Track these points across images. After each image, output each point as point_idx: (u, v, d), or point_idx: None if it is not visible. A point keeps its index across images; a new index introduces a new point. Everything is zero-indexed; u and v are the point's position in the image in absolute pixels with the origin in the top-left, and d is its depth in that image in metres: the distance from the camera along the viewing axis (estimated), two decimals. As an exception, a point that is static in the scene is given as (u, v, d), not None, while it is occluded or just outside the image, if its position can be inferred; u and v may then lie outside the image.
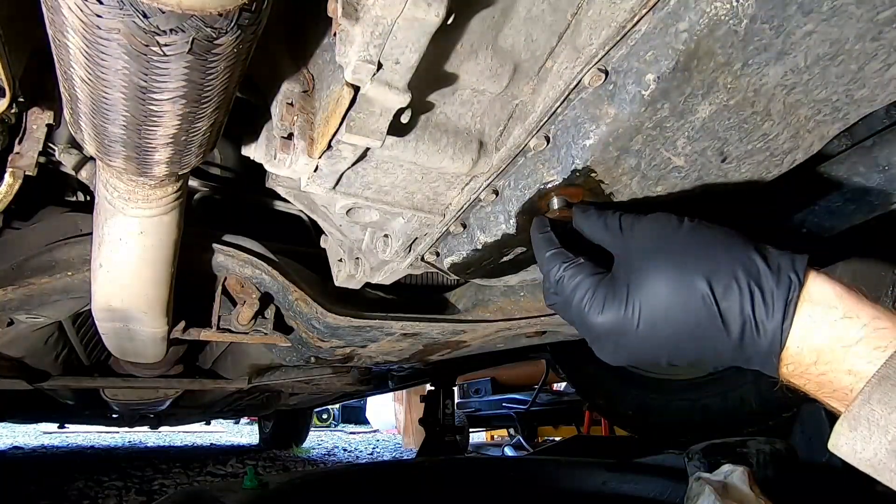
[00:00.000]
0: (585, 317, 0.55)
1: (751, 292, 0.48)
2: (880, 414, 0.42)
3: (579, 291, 0.56)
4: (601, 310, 0.54)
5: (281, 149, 0.70)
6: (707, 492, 0.98)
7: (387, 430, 7.78)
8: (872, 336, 0.45)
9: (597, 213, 0.62)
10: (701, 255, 0.51)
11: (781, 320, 0.47)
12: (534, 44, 0.62)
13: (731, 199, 0.73)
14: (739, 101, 0.57)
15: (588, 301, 0.55)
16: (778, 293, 0.48)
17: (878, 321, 0.45)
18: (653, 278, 0.52)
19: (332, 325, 1.17)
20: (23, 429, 5.87)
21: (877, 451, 0.43)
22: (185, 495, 1.35)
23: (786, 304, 0.47)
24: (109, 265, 0.84)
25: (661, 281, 0.51)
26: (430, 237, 0.88)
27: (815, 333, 0.47)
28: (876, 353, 0.44)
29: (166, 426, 4.08)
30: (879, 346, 0.44)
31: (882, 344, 0.44)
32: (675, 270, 0.51)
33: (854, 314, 0.46)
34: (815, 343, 0.47)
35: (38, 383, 1.55)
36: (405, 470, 1.72)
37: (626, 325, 0.53)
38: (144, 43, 0.41)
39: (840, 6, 0.48)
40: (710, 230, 0.54)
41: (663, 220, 0.56)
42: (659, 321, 0.51)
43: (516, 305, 1.26)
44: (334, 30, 0.52)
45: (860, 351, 0.45)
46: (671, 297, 0.51)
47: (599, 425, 3.69)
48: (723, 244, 0.52)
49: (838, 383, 0.46)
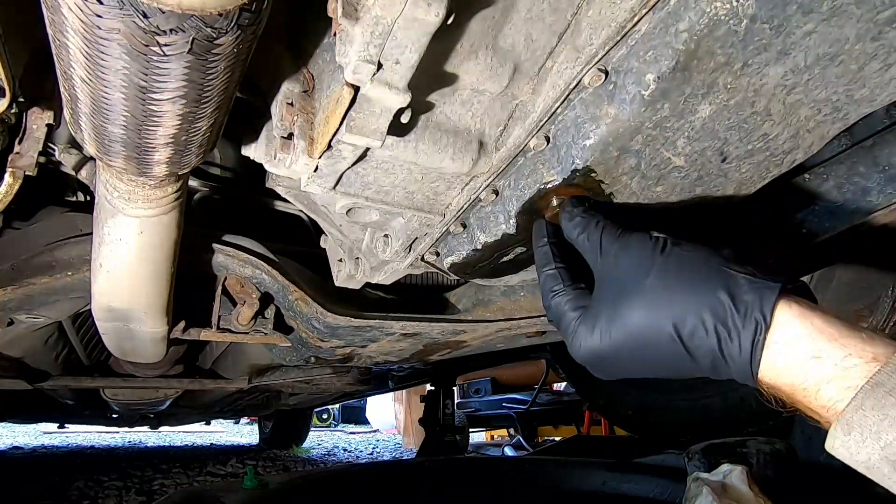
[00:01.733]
0: (570, 344, 0.60)
1: (717, 334, 0.50)
2: (873, 420, 0.43)
3: (565, 320, 0.61)
4: (581, 342, 0.58)
5: (281, 149, 0.70)
6: (705, 492, 0.98)
7: (387, 430, 7.77)
8: (842, 375, 0.45)
9: (581, 224, 0.63)
10: (672, 294, 0.53)
11: (749, 360, 0.49)
12: (534, 44, 0.62)
13: (731, 199, 0.73)
14: (739, 101, 0.57)
15: (572, 331, 0.59)
16: (745, 334, 0.49)
17: (848, 359, 0.45)
18: (625, 318, 0.55)
19: (332, 325, 1.17)
20: (23, 429, 5.87)
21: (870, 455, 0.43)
22: (185, 495, 1.35)
23: (752, 345, 0.49)
24: (109, 265, 0.84)
25: (633, 321, 0.54)
26: (430, 237, 0.88)
27: (785, 372, 0.48)
28: (847, 392, 0.45)
29: (166, 426, 4.08)
30: (850, 386, 0.45)
31: (852, 384, 0.44)
32: (645, 312, 0.53)
33: (824, 353, 0.46)
34: (786, 380, 0.48)
35: (38, 383, 1.55)
36: (405, 470, 1.72)
37: (605, 355, 0.57)
38: (144, 43, 0.41)
39: (840, 6, 0.48)
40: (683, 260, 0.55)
41: (638, 248, 0.57)
42: (635, 353, 0.55)
43: (516, 305, 1.26)
44: (334, 30, 0.52)
45: (830, 391, 0.46)
46: (642, 337, 0.54)
47: (599, 425, 3.69)
48: (692, 282, 0.53)
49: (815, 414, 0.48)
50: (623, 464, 1.61)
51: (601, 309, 0.57)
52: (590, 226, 0.62)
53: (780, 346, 0.48)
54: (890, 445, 0.42)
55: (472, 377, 4.83)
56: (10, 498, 2.19)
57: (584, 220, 0.63)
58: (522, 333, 1.37)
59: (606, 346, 0.56)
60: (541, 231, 0.68)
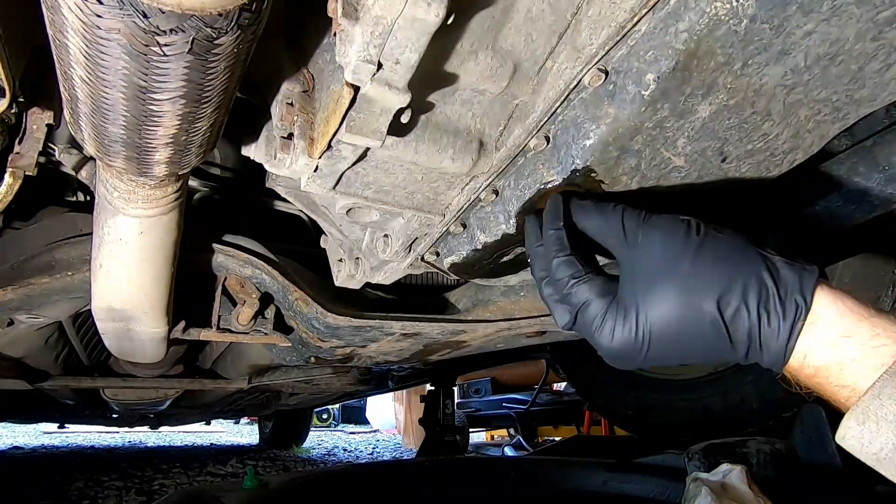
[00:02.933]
0: (595, 338, 0.56)
1: (759, 316, 0.49)
2: (889, 409, 0.43)
3: (589, 312, 0.56)
4: (612, 336, 0.54)
5: (281, 149, 0.70)
6: (704, 493, 0.97)
7: (387, 430, 7.77)
8: (869, 354, 0.46)
9: (597, 212, 0.59)
10: (711, 277, 0.51)
11: (786, 342, 0.49)
12: (534, 44, 0.62)
13: (731, 198, 0.73)
14: (739, 101, 0.57)
15: (598, 325, 0.55)
16: (785, 317, 0.49)
17: (876, 339, 0.46)
18: (662, 305, 0.52)
19: (332, 325, 1.17)
20: (23, 429, 5.87)
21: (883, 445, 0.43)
22: (185, 495, 1.35)
23: (791, 327, 0.49)
24: (109, 265, 0.84)
25: (671, 308, 0.51)
26: (430, 237, 0.88)
27: (815, 352, 0.48)
28: (871, 371, 0.45)
29: (166, 426, 4.08)
30: (875, 366, 0.45)
31: (878, 362, 0.45)
32: (685, 297, 0.51)
33: (853, 332, 0.47)
34: (814, 360, 0.48)
35: (38, 383, 1.55)
36: (405, 470, 1.72)
37: (637, 349, 0.53)
38: (144, 43, 0.41)
39: (840, 6, 0.48)
40: (719, 242, 0.53)
41: (670, 231, 0.54)
42: (669, 343, 0.52)
43: (516, 305, 1.26)
44: (334, 30, 0.52)
45: (856, 369, 0.46)
46: (682, 324, 0.51)
47: (599, 425, 3.69)
48: (733, 262, 0.51)
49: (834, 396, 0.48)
50: (623, 464, 1.61)
51: (633, 298, 0.53)
52: (607, 210, 0.58)
53: (815, 328, 0.48)
54: None
55: (472, 377, 4.83)
56: (10, 498, 2.19)
57: (598, 205, 0.59)
58: (522, 333, 1.37)
59: (643, 338, 0.52)
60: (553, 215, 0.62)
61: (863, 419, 0.44)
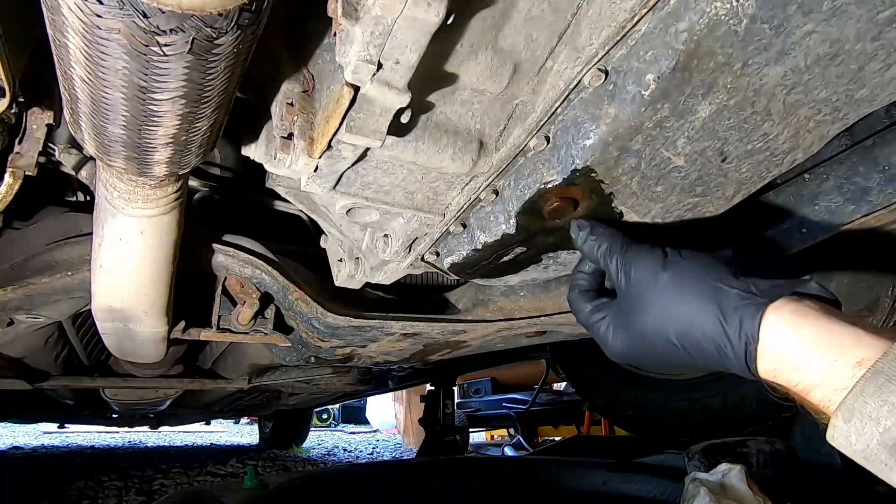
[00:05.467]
0: (604, 344, 0.70)
1: (715, 346, 0.57)
2: (873, 407, 0.45)
3: (595, 329, 0.70)
4: (608, 345, 0.69)
5: (281, 149, 0.70)
6: (703, 493, 0.97)
7: (387, 430, 7.77)
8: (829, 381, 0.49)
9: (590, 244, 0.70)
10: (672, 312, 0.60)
11: (746, 367, 0.55)
12: (534, 44, 0.62)
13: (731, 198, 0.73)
14: (739, 101, 0.57)
15: (601, 335, 0.69)
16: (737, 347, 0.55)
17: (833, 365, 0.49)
18: (639, 328, 0.64)
19: (332, 325, 1.17)
20: (23, 429, 5.87)
21: (868, 442, 0.45)
22: (185, 495, 1.35)
23: (745, 355, 0.55)
24: (109, 265, 0.84)
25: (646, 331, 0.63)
26: (430, 237, 0.88)
27: (780, 376, 0.53)
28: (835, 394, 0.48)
29: (166, 426, 4.08)
30: (837, 389, 0.48)
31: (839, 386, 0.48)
32: (652, 324, 0.62)
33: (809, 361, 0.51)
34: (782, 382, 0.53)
35: (38, 383, 1.55)
36: (405, 470, 1.72)
37: (630, 354, 0.67)
38: (144, 43, 0.41)
39: (840, 6, 0.48)
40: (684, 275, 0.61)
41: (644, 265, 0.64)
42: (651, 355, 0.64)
43: (516, 305, 1.26)
44: (334, 30, 0.52)
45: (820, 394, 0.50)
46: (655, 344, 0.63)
47: (599, 425, 3.69)
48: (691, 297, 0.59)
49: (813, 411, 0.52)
50: (623, 464, 1.61)
51: (619, 318, 0.67)
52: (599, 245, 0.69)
53: (770, 355, 0.53)
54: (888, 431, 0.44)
55: (472, 377, 4.83)
56: (10, 498, 2.19)
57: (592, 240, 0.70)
58: (522, 333, 1.37)
59: (627, 348, 0.66)
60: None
61: (848, 417, 0.46)
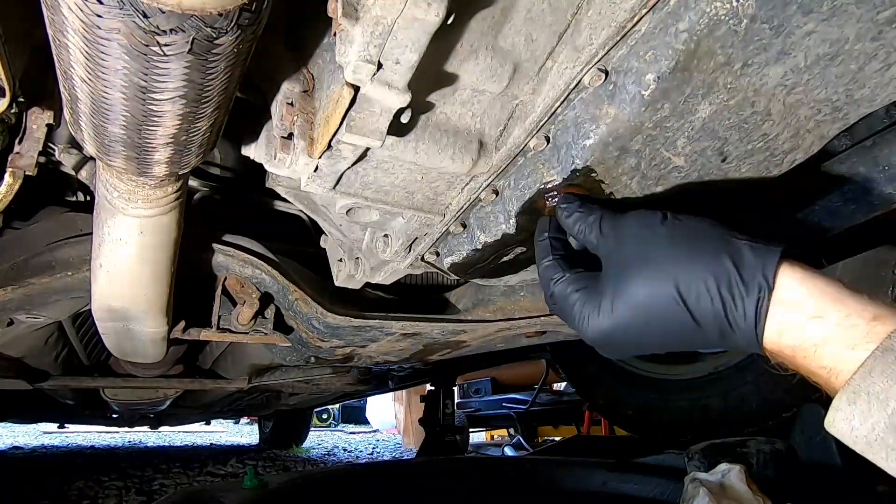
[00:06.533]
0: (579, 327, 0.59)
1: (722, 299, 0.50)
2: (881, 387, 0.42)
3: (572, 305, 0.59)
4: (588, 322, 0.57)
5: (281, 149, 0.70)
6: (702, 493, 0.97)
7: (387, 430, 7.77)
8: (842, 336, 0.46)
9: (577, 215, 0.63)
10: (673, 264, 0.53)
11: (754, 323, 0.49)
12: (534, 44, 0.62)
13: (730, 198, 0.73)
14: (739, 101, 0.57)
15: (579, 313, 0.59)
16: (749, 298, 0.49)
17: (848, 319, 0.46)
18: (632, 290, 0.54)
19: (332, 324, 1.17)
20: (23, 429, 5.87)
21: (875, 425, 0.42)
22: (185, 495, 1.35)
23: (756, 308, 0.49)
24: (109, 265, 0.84)
25: (639, 293, 0.54)
26: (430, 237, 0.88)
27: (786, 334, 0.48)
28: (846, 351, 0.45)
29: (166, 426, 4.08)
30: (851, 345, 0.45)
31: (852, 342, 0.45)
32: (650, 284, 0.53)
33: (824, 312, 0.47)
34: (788, 342, 0.49)
35: (38, 383, 1.55)
36: (405, 470, 1.72)
37: (615, 333, 0.56)
38: (144, 43, 0.41)
39: (840, 6, 0.48)
40: (684, 229, 0.55)
41: (640, 224, 0.58)
42: (643, 327, 0.55)
43: (516, 305, 1.26)
44: (334, 30, 0.52)
45: (830, 350, 0.46)
46: (649, 309, 0.54)
47: (599, 425, 3.69)
48: (696, 247, 0.53)
49: (815, 377, 0.48)
50: (623, 464, 1.60)
51: (605, 286, 0.57)
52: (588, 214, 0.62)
53: (782, 307, 0.49)
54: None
55: (472, 377, 4.83)
56: (10, 498, 2.19)
57: (581, 211, 0.63)
58: (522, 333, 1.37)
59: (613, 323, 0.55)
60: (542, 227, 0.68)
61: (853, 398, 0.43)
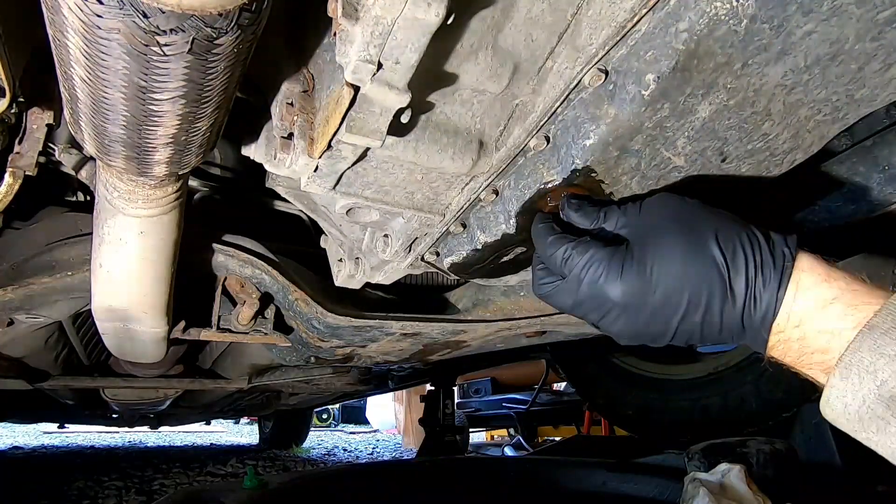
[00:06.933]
0: (601, 287, 0.57)
1: (754, 261, 0.53)
2: (870, 360, 0.45)
3: (593, 265, 0.57)
4: (619, 277, 0.56)
5: (281, 149, 0.70)
6: (702, 493, 0.97)
7: (387, 430, 7.77)
8: (846, 297, 0.49)
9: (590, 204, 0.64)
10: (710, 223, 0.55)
11: (776, 289, 0.52)
12: (534, 44, 0.62)
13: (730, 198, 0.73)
14: (739, 101, 0.57)
15: (604, 272, 0.57)
16: (775, 265, 0.53)
17: (852, 284, 0.50)
18: (669, 243, 0.55)
19: (333, 325, 1.17)
20: (23, 429, 5.87)
21: (865, 397, 0.45)
22: (185, 495, 1.35)
23: (781, 274, 0.52)
24: (109, 265, 0.84)
25: (677, 245, 0.55)
26: (430, 237, 0.88)
27: (799, 299, 0.52)
28: (848, 310, 0.48)
29: (166, 426, 4.08)
30: (852, 305, 0.49)
31: (855, 303, 0.49)
32: (689, 234, 0.55)
33: (832, 279, 0.51)
34: (798, 308, 0.52)
35: (38, 383, 1.55)
36: (405, 470, 1.72)
37: (645, 290, 0.55)
38: (144, 43, 0.41)
39: (840, 6, 0.48)
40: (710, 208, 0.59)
41: (670, 197, 0.60)
42: (674, 287, 0.54)
43: (516, 305, 1.26)
44: (334, 30, 0.52)
45: (834, 310, 0.49)
46: (687, 260, 0.54)
47: (599, 425, 3.69)
48: (728, 217, 0.57)
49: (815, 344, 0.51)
50: (623, 464, 1.61)
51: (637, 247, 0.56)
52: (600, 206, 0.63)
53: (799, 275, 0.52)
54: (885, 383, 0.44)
55: (472, 377, 4.83)
56: (10, 498, 2.19)
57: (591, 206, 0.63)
58: (522, 333, 1.37)
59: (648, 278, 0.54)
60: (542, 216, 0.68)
61: (846, 373, 0.46)
